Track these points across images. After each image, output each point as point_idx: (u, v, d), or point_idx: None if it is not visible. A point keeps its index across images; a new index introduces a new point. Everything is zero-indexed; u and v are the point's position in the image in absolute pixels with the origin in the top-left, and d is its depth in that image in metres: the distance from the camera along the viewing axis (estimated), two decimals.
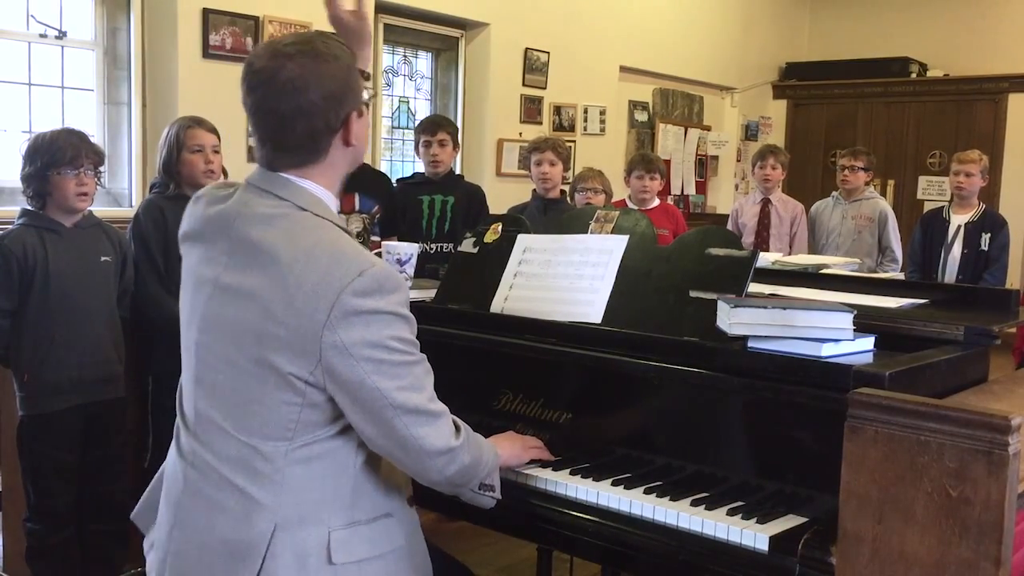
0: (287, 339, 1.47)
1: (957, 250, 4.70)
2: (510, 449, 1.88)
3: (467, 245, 2.42)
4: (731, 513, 1.69)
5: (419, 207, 4.17)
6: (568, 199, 4.56)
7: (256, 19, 5.22)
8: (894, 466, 1.40)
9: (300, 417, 1.50)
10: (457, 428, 1.61)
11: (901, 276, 4.80)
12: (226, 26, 5.13)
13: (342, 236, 1.55)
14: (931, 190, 8.55)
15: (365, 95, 1.63)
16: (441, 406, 1.58)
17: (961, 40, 8.84)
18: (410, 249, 2.52)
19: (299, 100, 1.52)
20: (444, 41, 6.76)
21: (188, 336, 1.63)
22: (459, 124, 6.46)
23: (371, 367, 1.46)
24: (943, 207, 4.94)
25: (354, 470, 1.56)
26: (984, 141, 7.77)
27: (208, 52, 5.03)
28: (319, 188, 1.59)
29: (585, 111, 7.41)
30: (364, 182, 3.75)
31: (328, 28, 1.82)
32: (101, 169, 2.95)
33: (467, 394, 2.24)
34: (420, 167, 4.47)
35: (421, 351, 1.57)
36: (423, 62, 6.80)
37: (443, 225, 4.19)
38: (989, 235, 4.65)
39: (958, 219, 4.76)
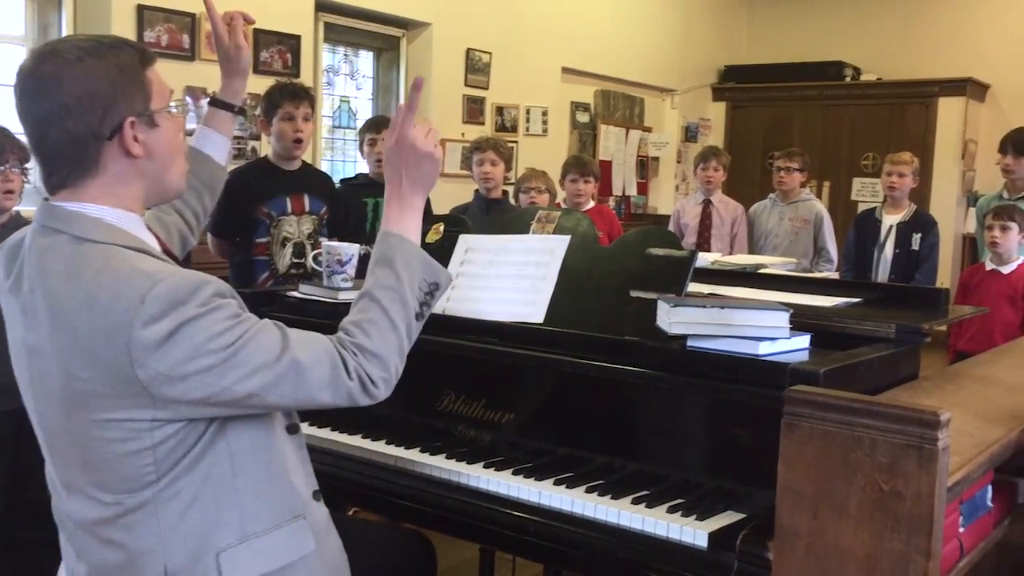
0: (107, 391, 1.35)
1: (889, 250, 4.81)
2: (414, 210, 1.68)
3: None
4: (671, 510, 1.71)
5: (363, 209, 4.13)
6: (513, 200, 4.57)
7: (193, 16, 5.13)
8: (829, 462, 1.42)
9: (157, 458, 1.39)
10: (342, 345, 1.49)
11: (836, 275, 4.90)
12: (161, 23, 5.03)
13: (124, 259, 1.38)
14: (865, 191, 8.74)
15: (173, 106, 1.50)
16: (296, 351, 1.42)
17: (893, 45, 9.06)
18: (351, 250, 2.49)
19: (51, 101, 1.37)
20: (386, 40, 6.72)
21: (28, 405, 1.51)
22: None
23: (208, 377, 1.35)
24: (876, 208, 5.05)
25: (233, 487, 1.45)
26: (915, 143, 7.96)
27: None
28: (99, 208, 1.43)
29: (527, 112, 7.43)
30: (312, 182, 3.71)
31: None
32: (28, 166, 2.87)
33: (408, 396, 2.23)
34: (362, 168, 4.43)
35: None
36: (364, 61, 6.76)
37: None
38: (920, 235, 4.77)
39: (890, 219, 4.87)
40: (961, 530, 1.66)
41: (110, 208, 1.44)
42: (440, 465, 1.97)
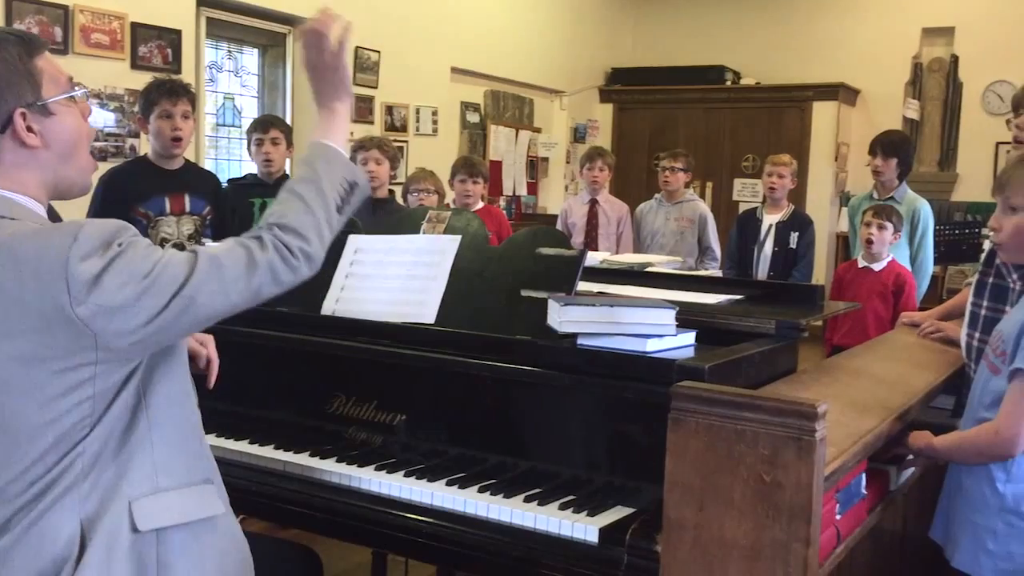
0: (44, 341, 1.36)
1: (769, 248, 4.98)
2: (336, 116, 1.70)
3: None
4: (563, 507, 1.73)
5: (250, 209, 4.03)
6: (401, 200, 4.54)
7: (66, 8, 4.91)
8: (714, 455, 1.46)
9: (95, 408, 1.41)
10: (257, 230, 1.52)
11: (719, 273, 5.05)
12: (32, 15, 4.79)
13: (39, 224, 1.43)
14: (745, 192, 9.03)
15: (78, 92, 1.50)
16: (207, 251, 1.46)
17: (771, 51, 9.39)
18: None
19: None
20: (271, 37, 6.58)
21: None
22: (289, 123, 6.30)
23: (145, 299, 1.36)
24: (757, 208, 5.22)
25: (148, 439, 1.47)
26: (792, 146, 8.27)
27: None
28: (4, 192, 1.44)
29: (417, 111, 7.39)
30: (194, 182, 3.60)
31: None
32: None
33: (298, 398, 2.19)
34: (249, 167, 4.33)
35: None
36: (249, 58, 6.60)
37: None
38: (797, 234, 4.95)
39: (770, 219, 5.04)
40: (838, 517, 1.73)
41: (14, 193, 1.45)
42: (330, 469, 1.94)
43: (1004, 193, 1.95)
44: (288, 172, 4.21)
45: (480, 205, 4.89)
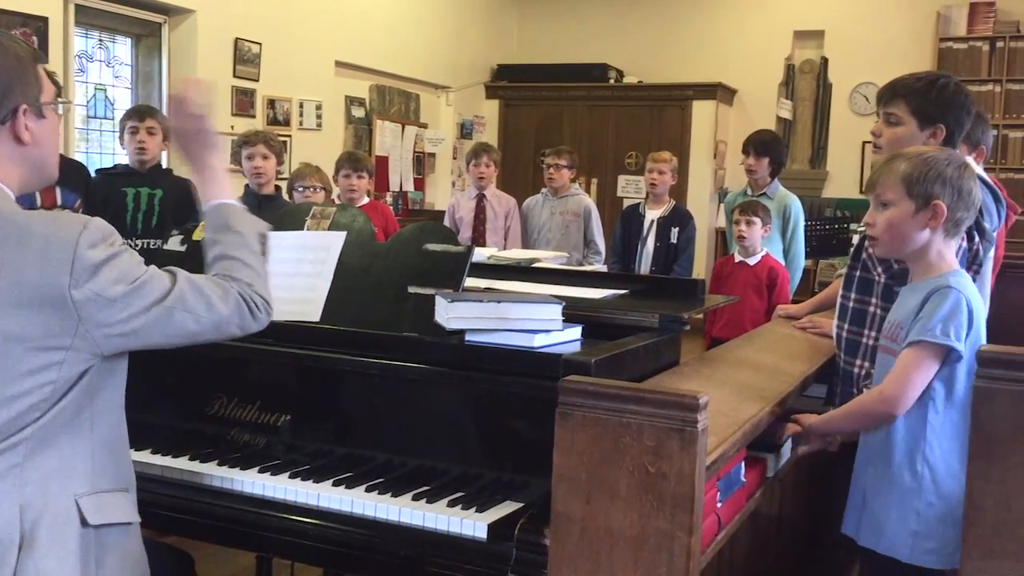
0: (31, 319, 1.45)
1: (651, 243, 5.09)
2: (216, 172, 1.78)
3: (174, 243, 2.29)
4: (452, 504, 1.73)
5: (122, 199, 3.89)
6: (287, 196, 4.45)
7: None
8: (600, 448, 1.48)
9: (55, 390, 1.49)
10: (230, 282, 1.61)
11: (604, 268, 5.13)
12: None
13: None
14: (629, 188, 9.20)
15: (61, 102, 1.63)
16: (186, 276, 1.57)
17: (653, 50, 9.59)
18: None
19: None
20: (145, 26, 6.33)
21: None
22: (166, 115, 6.08)
23: (133, 298, 1.49)
24: (640, 203, 5.33)
25: (90, 439, 1.56)
26: (673, 143, 8.47)
27: None
28: None
29: (301, 105, 7.24)
30: (63, 174, 3.44)
31: None
32: None
33: (177, 401, 2.12)
34: (121, 160, 4.17)
35: (119, 360, 1.58)
36: (122, 47, 6.34)
37: (150, 220, 3.93)
38: (678, 229, 5.07)
39: (652, 214, 5.15)
40: (719, 505, 1.79)
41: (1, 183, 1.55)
42: (211, 472, 1.88)
43: (875, 190, 2.04)
44: (163, 164, 4.06)
45: (366, 201, 4.84)
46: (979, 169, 2.62)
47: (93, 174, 4.10)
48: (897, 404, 1.92)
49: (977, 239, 2.15)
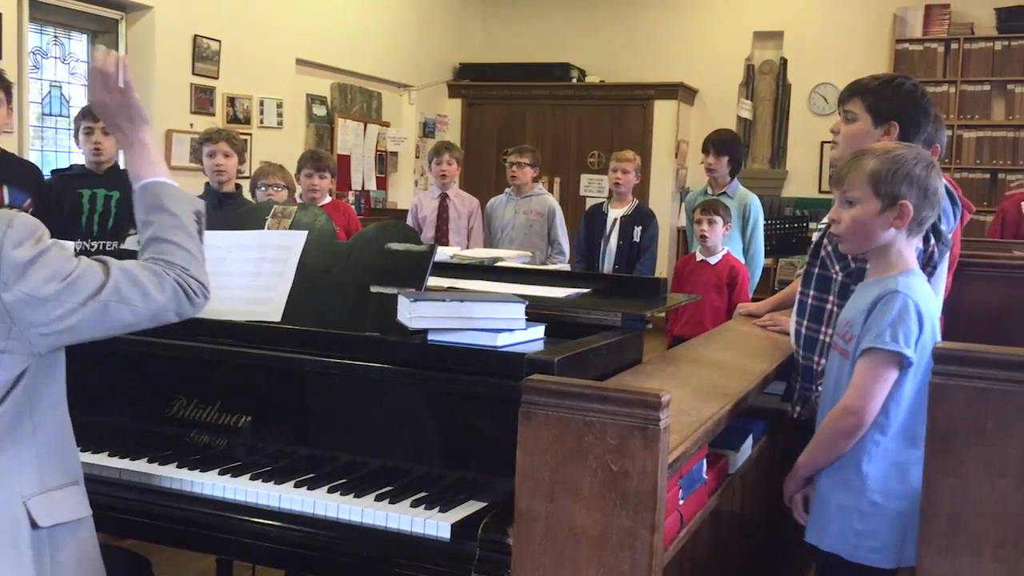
0: None
1: (614, 242, 5.11)
2: (147, 147, 1.73)
3: (132, 242, 2.25)
4: (415, 504, 1.72)
5: (78, 201, 3.83)
6: (249, 195, 4.40)
7: None
8: (563, 447, 1.49)
9: None
10: (165, 267, 1.59)
11: (568, 267, 5.14)
12: None
13: None
14: (592, 187, 9.24)
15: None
16: (119, 265, 1.54)
17: (615, 50, 9.64)
18: (66, 245, 2.29)
19: None
20: (101, 22, 6.23)
21: None
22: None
23: (65, 295, 1.46)
24: (603, 203, 5.34)
25: (33, 439, 1.53)
26: (635, 142, 8.51)
27: None
28: None
29: (261, 103, 7.17)
30: (10, 173, 3.37)
31: None
32: None
33: (135, 402, 2.09)
34: (78, 159, 4.10)
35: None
36: (77, 44, 6.23)
37: (106, 221, 3.87)
38: (640, 228, 5.09)
39: (615, 213, 5.17)
40: (681, 502, 1.80)
41: None
42: (170, 475, 1.86)
43: (841, 187, 2.04)
44: (120, 165, 4.01)
45: (328, 200, 4.81)
46: None
47: (49, 174, 4.03)
48: (863, 414, 1.92)
49: (933, 241, 2.17)
